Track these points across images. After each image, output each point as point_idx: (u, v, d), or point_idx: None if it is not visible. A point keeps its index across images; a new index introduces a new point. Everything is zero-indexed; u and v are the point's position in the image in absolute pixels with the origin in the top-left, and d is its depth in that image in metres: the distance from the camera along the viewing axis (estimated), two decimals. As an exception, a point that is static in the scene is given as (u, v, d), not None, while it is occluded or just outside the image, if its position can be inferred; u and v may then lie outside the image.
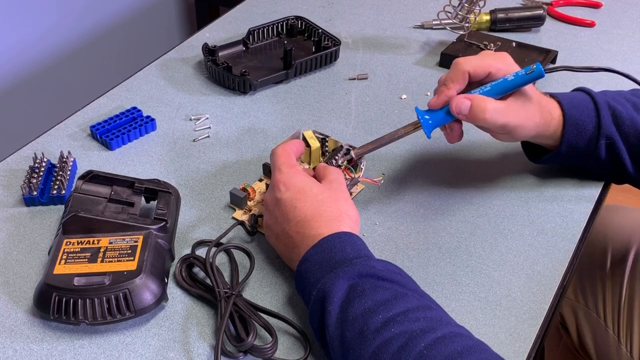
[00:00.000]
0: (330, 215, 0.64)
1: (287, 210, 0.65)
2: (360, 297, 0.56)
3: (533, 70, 0.68)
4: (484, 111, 0.68)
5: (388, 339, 0.53)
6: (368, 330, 0.54)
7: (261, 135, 0.88)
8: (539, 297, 0.66)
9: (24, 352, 0.60)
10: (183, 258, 0.68)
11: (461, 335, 0.54)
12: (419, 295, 0.58)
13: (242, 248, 0.69)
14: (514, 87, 0.69)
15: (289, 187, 0.66)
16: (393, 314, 0.54)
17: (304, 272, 0.61)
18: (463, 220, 0.75)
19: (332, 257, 0.60)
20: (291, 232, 0.64)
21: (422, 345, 0.52)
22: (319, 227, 0.63)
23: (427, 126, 0.71)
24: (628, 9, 1.20)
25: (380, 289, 0.57)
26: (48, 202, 0.76)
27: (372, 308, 0.55)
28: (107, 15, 1.82)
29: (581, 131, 0.73)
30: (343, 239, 0.62)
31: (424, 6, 1.19)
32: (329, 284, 0.58)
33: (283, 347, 0.61)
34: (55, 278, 0.62)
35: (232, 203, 0.76)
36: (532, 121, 0.71)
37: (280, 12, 1.14)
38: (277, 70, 0.98)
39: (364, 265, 0.59)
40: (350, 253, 0.60)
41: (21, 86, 1.64)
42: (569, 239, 0.73)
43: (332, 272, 0.58)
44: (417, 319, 0.54)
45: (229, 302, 0.62)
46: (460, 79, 0.70)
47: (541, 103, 0.72)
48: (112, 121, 0.86)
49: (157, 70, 1.00)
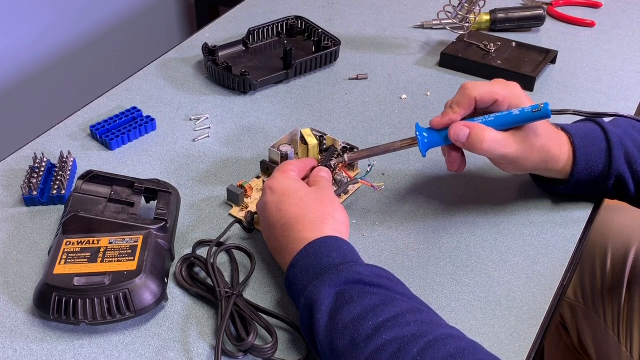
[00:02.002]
0: (314, 217, 0.63)
1: (272, 213, 0.65)
2: (348, 304, 0.55)
3: (540, 109, 0.66)
4: (481, 141, 0.66)
5: (380, 346, 0.52)
6: (359, 338, 0.53)
7: (261, 135, 0.88)
8: (539, 297, 0.66)
9: (24, 352, 0.61)
10: (184, 258, 0.68)
11: (453, 336, 0.53)
12: (408, 298, 0.58)
13: (243, 248, 0.69)
14: (517, 122, 0.67)
15: (274, 190, 0.67)
16: (383, 319, 0.54)
17: (292, 279, 0.61)
18: (463, 220, 0.75)
19: (318, 263, 0.60)
20: (277, 235, 0.64)
21: (415, 351, 0.51)
22: (303, 231, 0.63)
23: (423, 145, 0.70)
24: (628, 9, 1.20)
25: (368, 294, 0.56)
26: (48, 202, 0.76)
27: (361, 314, 0.54)
28: (107, 15, 1.82)
29: (592, 170, 0.71)
30: (329, 243, 0.61)
31: (424, 6, 1.19)
32: (316, 291, 0.57)
33: (283, 347, 0.61)
34: (55, 278, 0.62)
35: (229, 200, 0.76)
36: (537, 155, 0.69)
37: (280, 12, 1.14)
38: (277, 70, 0.98)
39: (350, 271, 0.58)
40: (336, 258, 0.60)
41: (21, 86, 1.64)
42: (569, 239, 0.73)
43: (319, 279, 0.58)
44: (408, 322, 0.54)
45: (229, 302, 0.62)
46: (467, 104, 0.68)
47: (550, 137, 0.70)
48: (112, 121, 0.86)
49: (157, 70, 1.00)
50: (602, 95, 0.94)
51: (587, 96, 0.95)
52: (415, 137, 0.71)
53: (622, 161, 0.71)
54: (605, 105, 0.93)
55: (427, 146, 0.70)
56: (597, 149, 0.72)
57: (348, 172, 0.77)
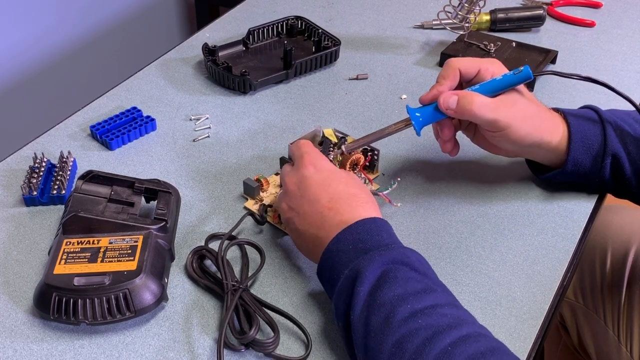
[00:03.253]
0: (367, 199, 0.64)
1: (318, 189, 0.65)
2: (391, 283, 0.56)
3: (521, 71, 0.69)
4: (471, 103, 0.68)
5: (414, 329, 0.53)
6: (395, 318, 0.54)
7: (261, 135, 0.88)
8: (539, 297, 0.66)
9: (24, 352, 0.61)
10: (195, 249, 0.68)
11: (485, 336, 0.54)
12: (447, 293, 0.59)
13: (253, 244, 0.70)
14: (502, 87, 0.70)
15: (319, 169, 0.67)
16: (422, 306, 0.54)
17: (334, 251, 0.61)
18: (463, 220, 0.75)
19: (368, 239, 0.60)
20: (323, 209, 0.64)
21: (448, 341, 0.52)
22: (357, 207, 0.63)
23: (417, 123, 0.71)
24: (628, 9, 1.20)
25: (412, 279, 0.57)
26: (48, 202, 0.76)
27: (402, 296, 0.55)
28: (107, 15, 1.82)
29: (587, 147, 0.72)
30: (379, 224, 0.62)
31: (424, 6, 1.19)
32: (363, 265, 0.57)
33: (285, 344, 0.61)
34: (55, 278, 0.62)
35: (245, 193, 0.77)
36: (529, 122, 0.70)
37: (280, 12, 1.14)
38: (277, 70, 0.98)
39: (399, 252, 0.59)
40: (385, 239, 0.61)
41: (21, 86, 1.64)
42: (569, 239, 0.73)
43: (367, 254, 0.58)
44: (445, 315, 0.54)
45: (235, 295, 0.62)
46: (452, 75, 0.71)
47: (540, 109, 0.72)
48: (112, 121, 0.86)
49: (157, 70, 1.00)
50: (602, 96, 0.94)
51: (587, 96, 0.95)
52: (408, 119, 0.72)
53: (617, 140, 0.72)
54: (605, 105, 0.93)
55: (421, 124, 0.72)
56: (592, 127, 0.73)
57: (367, 174, 0.77)
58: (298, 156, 0.69)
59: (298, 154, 0.69)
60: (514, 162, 0.83)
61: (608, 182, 0.74)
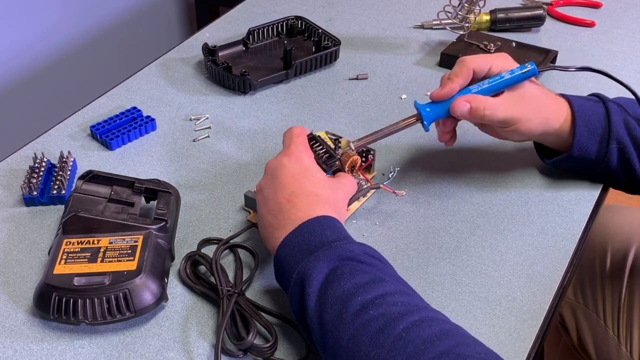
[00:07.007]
0: (328, 199, 0.65)
1: (287, 179, 0.65)
2: (339, 279, 0.56)
3: (528, 68, 0.72)
4: (483, 109, 0.71)
5: (367, 321, 0.53)
6: (347, 312, 0.54)
7: (261, 135, 0.88)
8: (539, 297, 0.66)
9: (24, 352, 0.61)
10: (188, 255, 0.68)
11: (438, 319, 0.54)
12: (397, 280, 0.59)
13: (247, 247, 0.69)
14: (509, 83, 0.72)
15: (298, 162, 0.67)
16: (372, 296, 0.55)
17: (282, 257, 0.61)
18: (463, 220, 0.75)
19: (312, 239, 0.60)
20: (283, 199, 0.64)
21: (400, 327, 0.52)
22: (314, 206, 0.63)
23: (427, 117, 0.73)
24: (628, 9, 1.20)
25: (359, 272, 0.57)
26: (48, 202, 0.76)
27: (351, 290, 0.56)
28: (107, 15, 1.82)
29: (592, 132, 0.74)
30: (324, 221, 0.62)
31: (424, 6, 1.19)
32: (309, 266, 0.58)
33: (283, 347, 0.61)
34: (55, 278, 0.62)
35: (246, 206, 0.76)
36: (537, 114, 0.73)
37: (280, 12, 1.14)
38: (277, 70, 0.98)
39: (344, 248, 0.59)
40: (329, 236, 0.61)
41: (21, 86, 1.64)
42: (569, 239, 0.73)
43: (312, 255, 0.59)
44: (395, 303, 0.55)
45: (231, 300, 0.62)
46: (465, 74, 0.72)
47: (547, 96, 0.74)
48: (112, 121, 0.86)
49: (157, 70, 1.00)
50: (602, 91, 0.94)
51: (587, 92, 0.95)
52: (417, 114, 0.73)
53: (622, 126, 0.74)
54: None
55: (430, 119, 0.73)
56: (596, 112, 0.75)
57: (366, 174, 0.77)
58: (286, 144, 0.70)
59: (287, 142, 0.70)
60: (514, 163, 0.83)
61: (616, 170, 0.75)
